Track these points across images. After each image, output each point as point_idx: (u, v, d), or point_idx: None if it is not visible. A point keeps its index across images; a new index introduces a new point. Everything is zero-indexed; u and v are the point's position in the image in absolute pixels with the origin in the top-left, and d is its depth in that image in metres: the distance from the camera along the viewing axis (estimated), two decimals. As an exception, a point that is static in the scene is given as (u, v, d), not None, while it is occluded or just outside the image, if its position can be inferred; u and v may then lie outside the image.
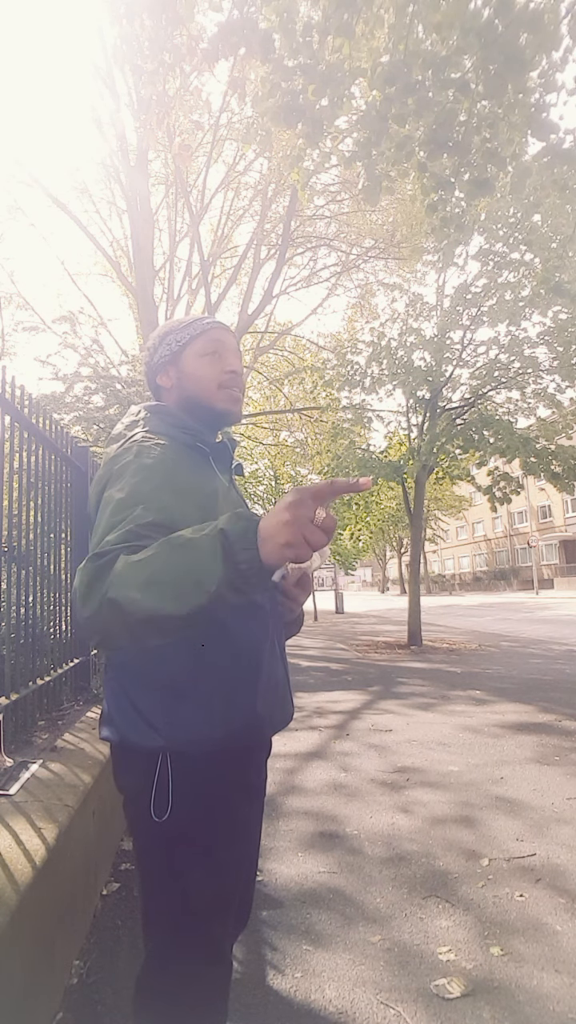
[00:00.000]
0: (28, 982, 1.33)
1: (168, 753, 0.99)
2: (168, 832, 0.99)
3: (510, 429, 9.14)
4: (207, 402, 1.16)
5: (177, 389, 1.18)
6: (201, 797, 1.00)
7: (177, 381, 1.18)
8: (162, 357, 1.19)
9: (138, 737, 0.99)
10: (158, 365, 1.20)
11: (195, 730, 0.98)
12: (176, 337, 1.18)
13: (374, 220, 13.15)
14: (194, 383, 1.16)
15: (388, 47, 3.49)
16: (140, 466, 0.99)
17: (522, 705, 5.19)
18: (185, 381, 1.17)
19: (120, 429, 1.15)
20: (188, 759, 0.99)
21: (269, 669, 1.07)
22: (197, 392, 1.16)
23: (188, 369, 1.17)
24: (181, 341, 1.18)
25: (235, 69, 4.63)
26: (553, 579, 36.38)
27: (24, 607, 2.46)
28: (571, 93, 3.59)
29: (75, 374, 7.33)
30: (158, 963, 1.04)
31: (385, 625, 15.75)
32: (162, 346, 1.19)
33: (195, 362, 1.16)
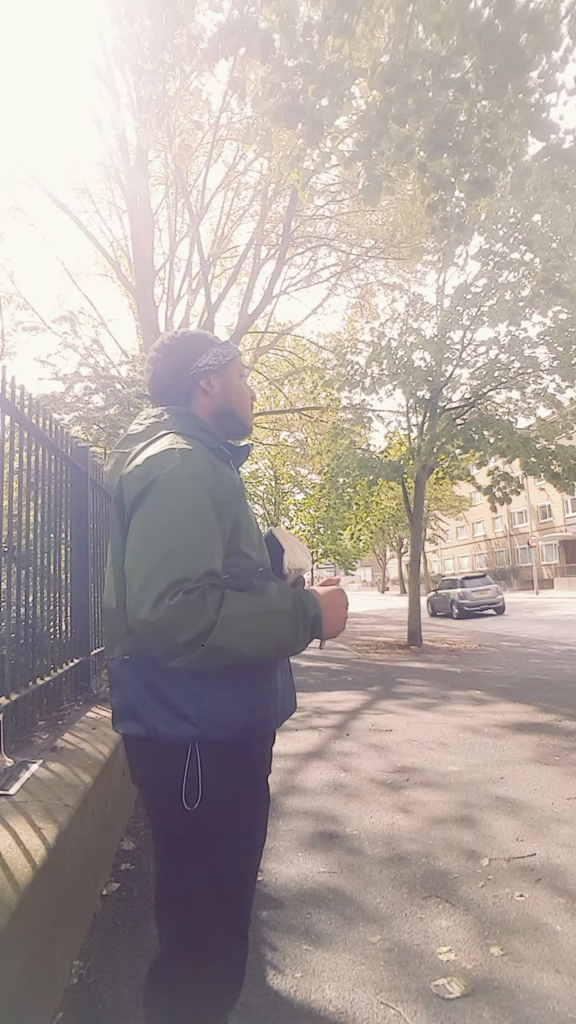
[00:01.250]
0: (28, 982, 1.33)
1: (197, 743, 1.04)
2: (198, 820, 1.05)
3: (510, 429, 9.15)
4: (243, 416, 1.31)
5: (219, 398, 1.27)
6: (230, 784, 1.07)
7: (221, 392, 1.28)
8: (208, 365, 1.27)
9: (167, 728, 1.04)
10: (203, 371, 1.26)
11: (227, 717, 1.05)
12: (221, 351, 1.28)
13: (374, 220, 13.15)
14: (238, 398, 1.30)
15: (388, 47, 3.49)
16: (190, 477, 1.05)
17: (522, 705, 5.19)
18: (230, 394, 1.28)
19: (141, 428, 1.20)
20: (216, 747, 1.05)
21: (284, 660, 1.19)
22: (238, 406, 1.29)
23: (233, 385, 1.29)
24: (227, 356, 1.28)
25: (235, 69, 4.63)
26: (553, 579, 36.36)
27: (24, 607, 2.46)
28: (571, 93, 3.59)
29: (75, 374, 7.33)
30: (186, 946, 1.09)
31: (385, 625, 15.75)
32: (208, 355, 1.27)
33: (237, 381, 1.30)
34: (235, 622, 0.97)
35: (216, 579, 1.00)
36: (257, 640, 1.01)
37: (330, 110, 3.72)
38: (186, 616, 0.93)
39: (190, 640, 0.93)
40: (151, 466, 1.05)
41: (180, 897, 1.10)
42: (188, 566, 0.96)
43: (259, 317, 14.16)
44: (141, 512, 1.03)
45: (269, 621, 1.03)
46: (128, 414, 6.76)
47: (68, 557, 3.16)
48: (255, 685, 1.09)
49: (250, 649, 1.00)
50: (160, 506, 1.01)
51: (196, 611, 0.93)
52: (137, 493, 1.04)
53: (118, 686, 1.11)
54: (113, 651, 1.12)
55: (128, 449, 1.17)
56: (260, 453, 19.08)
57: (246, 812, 1.12)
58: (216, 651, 0.96)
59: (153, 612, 0.93)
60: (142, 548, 1.00)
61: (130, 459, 1.13)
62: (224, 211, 13.28)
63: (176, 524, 1.00)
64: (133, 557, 1.01)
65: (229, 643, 0.96)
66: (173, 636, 0.93)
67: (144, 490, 1.04)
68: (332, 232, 14.18)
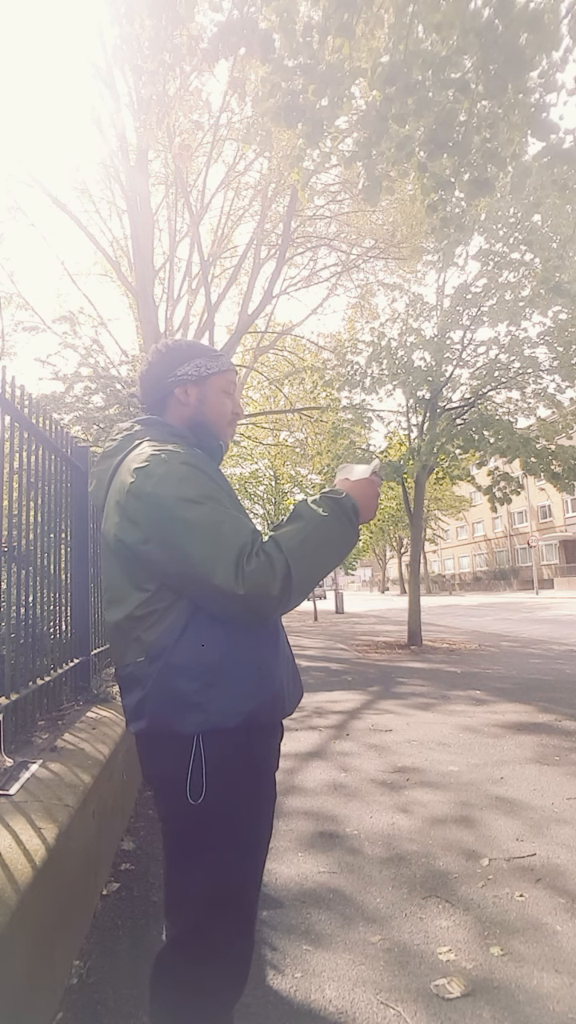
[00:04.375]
0: (28, 982, 1.33)
1: (202, 736, 1.07)
2: (204, 814, 1.08)
3: (510, 429, 9.13)
4: (217, 431, 1.30)
5: (193, 409, 1.28)
6: (236, 777, 1.10)
7: (196, 403, 1.29)
8: (187, 374, 1.28)
9: (177, 720, 1.08)
10: (180, 379, 1.28)
11: (233, 703, 1.08)
12: (206, 364, 1.29)
13: (374, 220, 13.15)
14: (214, 412, 1.30)
15: (388, 47, 3.49)
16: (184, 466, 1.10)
17: (522, 705, 5.19)
18: (205, 407, 1.29)
19: (114, 444, 1.24)
20: (223, 739, 1.08)
21: (283, 645, 1.22)
22: (213, 420, 1.30)
23: (211, 398, 1.29)
24: (210, 369, 1.29)
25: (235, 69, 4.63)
26: (553, 579, 36.37)
27: (24, 607, 2.46)
28: (571, 93, 3.59)
29: (75, 374, 7.32)
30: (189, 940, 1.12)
31: (385, 625, 15.75)
32: (190, 364, 1.28)
33: (217, 395, 1.30)
34: (300, 552, 1.05)
35: (259, 534, 1.07)
36: (323, 553, 1.09)
37: (330, 110, 3.71)
38: (266, 572, 1.01)
39: (281, 588, 1.02)
40: (144, 475, 1.09)
41: (185, 891, 1.12)
42: (239, 536, 1.04)
43: (259, 317, 14.16)
44: (162, 519, 1.06)
45: (321, 534, 1.09)
46: (128, 414, 6.75)
47: (68, 557, 3.16)
48: (259, 672, 1.12)
49: (323, 564, 1.09)
50: (177, 505, 1.05)
51: (270, 564, 1.01)
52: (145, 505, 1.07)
53: (133, 689, 1.13)
54: (126, 658, 1.14)
55: (106, 466, 1.22)
56: (260, 453, 19.08)
57: (251, 806, 1.14)
58: (302, 583, 1.04)
59: (241, 586, 1.00)
60: (191, 543, 1.03)
61: (110, 475, 1.19)
62: (224, 211, 13.28)
63: (204, 508, 1.05)
64: (186, 558, 1.04)
65: (307, 571, 1.05)
66: (268, 593, 1.01)
67: (151, 498, 1.07)
68: (332, 232, 14.18)
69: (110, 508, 1.16)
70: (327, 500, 1.14)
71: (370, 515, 1.20)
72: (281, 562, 1.02)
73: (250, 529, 1.06)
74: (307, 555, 1.06)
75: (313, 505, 1.13)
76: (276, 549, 1.03)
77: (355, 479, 1.25)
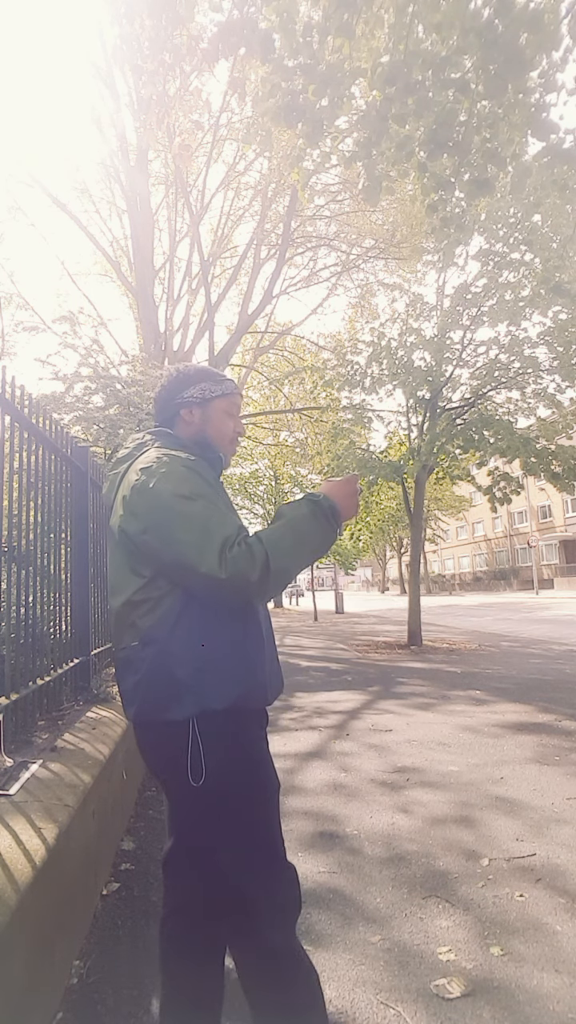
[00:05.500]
0: (28, 982, 1.33)
1: (196, 720, 1.16)
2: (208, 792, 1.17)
3: (510, 429, 9.13)
4: (217, 447, 1.41)
5: (197, 428, 1.40)
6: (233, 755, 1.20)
7: (200, 423, 1.40)
8: (193, 396, 1.40)
9: (173, 705, 1.17)
10: (187, 400, 1.40)
11: (224, 687, 1.18)
12: (211, 388, 1.41)
13: (374, 220, 13.15)
14: (216, 433, 1.41)
15: (388, 47, 3.49)
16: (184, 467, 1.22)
17: (522, 705, 5.19)
18: (208, 427, 1.41)
19: (127, 451, 1.35)
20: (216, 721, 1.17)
21: (267, 637, 1.32)
22: (215, 440, 1.41)
23: (214, 419, 1.41)
24: (214, 393, 1.41)
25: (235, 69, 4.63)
26: (553, 579, 36.35)
27: (24, 607, 2.46)
28: (571, 93, 3.59)
29: (75, 374, 7.31)
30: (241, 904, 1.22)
31: (385, 625, 15.75)
32: (196, 388, 1.40)
33: (220, 417, 1.42)
34: (279, 545, 1.16)
35: (245, 530, 1.18)
36: (301, 548, 1.20)
37: (330, 110, 3.71)
38: (247, 560, 1.11)
39: (260, 576, 1.12)
40: (148, 474, 1.21)
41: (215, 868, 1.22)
42: (224, 528, 1.15)
43: (259, 317, 14.17)
44: (159, 510, 1.17)
45: (300, 529, 1.20)
46: (128, 414, 6.74)
47: (68, 557, 3.16)
48: (247, 660, 1.23)
49: (300, 558, 1.20)
50: (173, 499, 1.17)
51: (251, 553, 1.12)
52: (145, 499, 1.19)
53: (127, 673, 1.23)
54: (123, 641, 1.24)
55: (119, 470, 1.34)
56: (260, 453, 19.08)
57: (252, 784, 1.23)
58: (280, 573, 1.15)
59: (223, 570, 1.10)
60: (182, 533, 1.14)
61: (121, 476, 1.31)
62: (224, 211, 13.29)
63: (196, 504, 1.16)
64: (177, 545, 1.14)
65: (285, 562, 1.16)
66: (247, 579, 1.11)
67: (151, 493, 1.19)
68: (332, 232, 14.19)
69: (117, 503, 1.27)
70: (306, 501, 1.26)
71: (351, 512, 1.30)
72: (261, 552, 1.12)
73: (236, 524, 1.18)
74: (285, 548, 1.16)
75: (294, 506, 1.25)
76: (257, 542, 1.14)
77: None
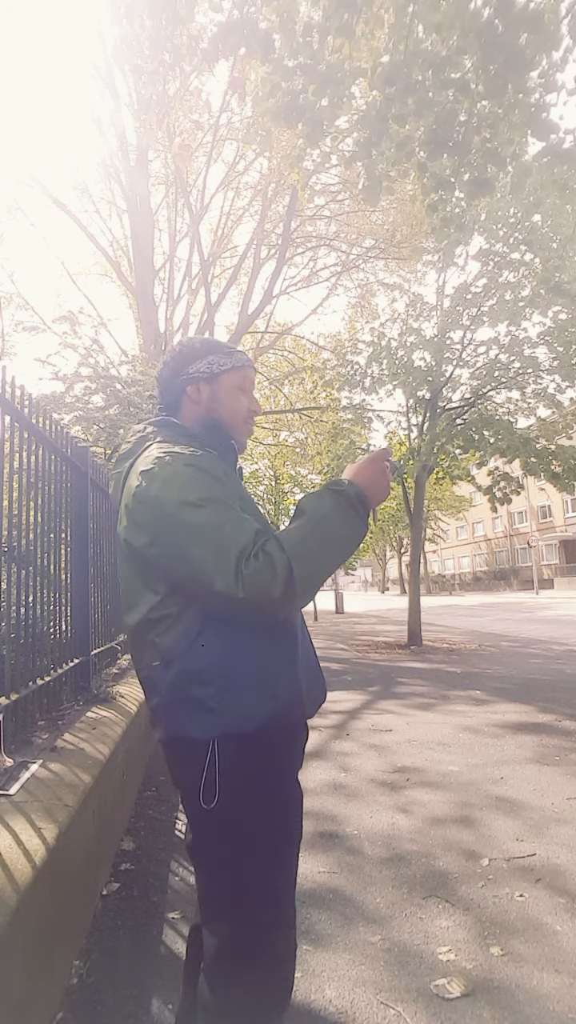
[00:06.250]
0: (28, 982, 1.33)
1: (217, 741, 1.05)
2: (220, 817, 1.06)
3: (510, 429, 9.13)
4: (231, 430, 1.27)
5: (205, 407, 1.26)
6: (251, 782, 1.07)
7: (208, 401, 1.26)
8: (200, 372, 1.25)
9: (194, 726, 1.06)
10: (192, 377, 1.26)
11: (248, 708, 1.06)
12: (218, 360, 1.26)
13: (374, 220, 13.15)
14: (226, 411, 1.26)
15: (388, 47, 3.49)
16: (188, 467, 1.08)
17: (522, 705, 5.19)
18: (217, 405, 1.26)
19: (129, 446, 1.23)
20: (240, 743, 1.06)
21: (304, 647, 1.19)
22: (226, 419, 1.26)
23: (223, 396, 1.26)
24: (223, 366, 1.26)
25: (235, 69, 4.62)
26: (553, 579, 36.36)
27: (24, 607, 2.46)
28: (571, 93, 3.59)
29: (75, 374, 7.31)
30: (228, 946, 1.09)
31: (385, 625, 15.74)
32: (202, 362, 1.26)
33: (230, 393, 1.27)
34: (302, 550, 1.02)
35: (265, 533, 1.04)
36: (329, 549, 1.06)
37: (330, 110, 3.71)
38: (266, 574, 0.98)
39: (283, 590, 0.99)
40: (149, 478, 1.08)
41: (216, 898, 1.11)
42: (239, 537, 1.01)
43: (259, 317, 14.16)
44: (164, 523, 1.05)
45: (325, 527, 1.06)
46: (128, 414, 6.74)
47: (68, 557, 3.16)
48: (275, 676, 1.10)
49: (328, 561, 1.06)
50: (178, 508, 1.04)
51: (270, 565, 0.98)
52: (148, 509, 1.07)
53: (151, 694, 1.15)
54: (143, 661, 1.14)
55: (121, 469, 1.22)
56: (260, 453, 19.06)
57: (270, 810, 1.11)
58: (307, 582, 1.01)
59: (241, 589, 0.97)
60: (192, 547, 1.02)
61: (124, 477, 1.19)
62: (224, 211, 13.29)
63: (205, 511, 1.03)
64: (189, 561, 1.02)
65: (310, 570, 1.02)
66: (269, 595, 0.98)
67: (154, 503, 1.06)
68: (332, 232, 14.18)
69: (121, 511, 1.16)
70: (329, 492, 1.11)
71: (382, 494, 1.16)
72: (283, 562, 0.99)
73: (253, 530, 1.03)
74: (310, 552, 1.03)
75: (315, 499, 1.10)
76: (278, 549, 1.00)
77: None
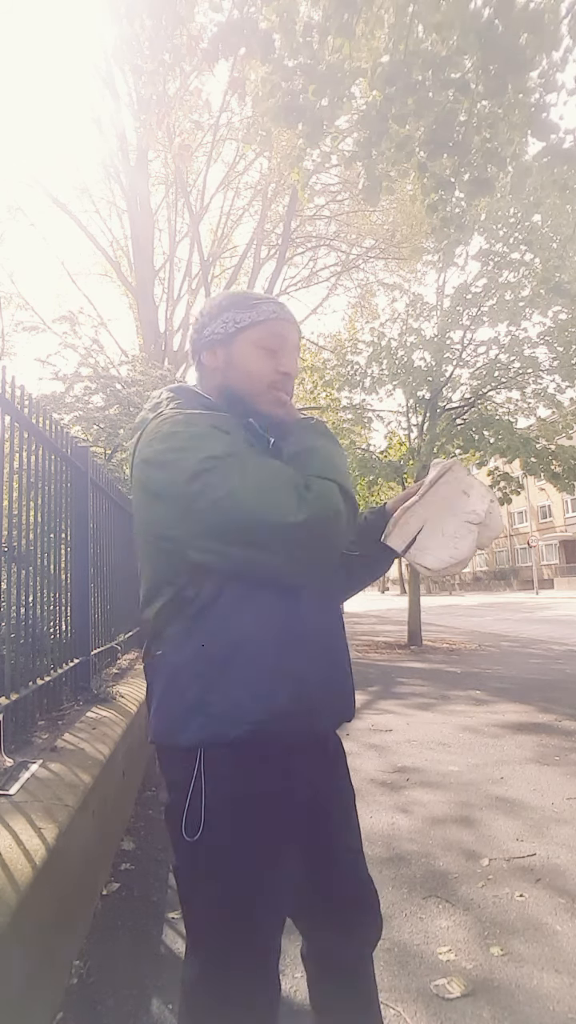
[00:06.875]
0: (28, 982, 1.33)
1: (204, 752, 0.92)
2: (202, 848, 0.92)
3: (510, 429, 9.14)
4: (250, 400, 1.05)
5: (221, 374, 1.07)
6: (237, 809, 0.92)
7: (224, 366, 1.06)
8: (213, 333, 1.06)
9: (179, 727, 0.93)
10: (207, 341, 1.08)
11: (235, 710, 0.90)
12: (235, 317, 1.05)
13: (374, 220, 13.16)
14: (242, 376, 1.05)
15: (388, 47, 3.49)
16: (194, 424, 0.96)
17: (522, 705, 5.19)
18: (232, 371, 1.06)
19: (143, 415, 1.07)
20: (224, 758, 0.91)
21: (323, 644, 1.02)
22: (242, 387, 1.05)
23: (238, 359, 1.05)
24: (239, 323, 1.05)
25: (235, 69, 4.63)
26: (553, 579, 36.37)
27: (24, 607, 2.46)
28: (571, 93, 3.59)
29: (75, 374, 7.31)
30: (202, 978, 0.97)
31: (385, 625, 15.74)
32: (216, 322, 1.07)
33: (249, 352, 1.05)
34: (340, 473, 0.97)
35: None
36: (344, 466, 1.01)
37: (330, 110, 3.71)
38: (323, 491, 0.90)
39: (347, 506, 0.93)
40: (161, 440, 0.95)
41: (192, 927, 0.99)
42: (284, 471, 0.92)
43: (259, 317, 14.14)
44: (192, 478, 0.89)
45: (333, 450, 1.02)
46: (128, 414, 6.74)
47: (68, 557, 3.16)
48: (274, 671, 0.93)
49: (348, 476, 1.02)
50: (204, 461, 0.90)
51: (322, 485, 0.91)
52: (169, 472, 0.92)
53: (149, 690, 1.02)
54: (149, 652, 1.01)
55: (134, 439, 1.08)
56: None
57: (259, 844, 0.93)
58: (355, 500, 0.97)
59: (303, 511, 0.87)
60: (228, 486, 0.88)
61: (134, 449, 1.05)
62: (224, 211, 13.31)
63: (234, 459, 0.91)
64: (227, 500, 0.87)
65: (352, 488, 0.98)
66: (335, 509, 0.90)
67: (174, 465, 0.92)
68: (332, 232, 14.20)
69: (133, 487, 1.02)
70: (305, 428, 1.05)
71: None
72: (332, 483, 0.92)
73: (291, 469, 0.94)
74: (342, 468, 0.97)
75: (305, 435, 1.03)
76: (317, 478, 0.93)
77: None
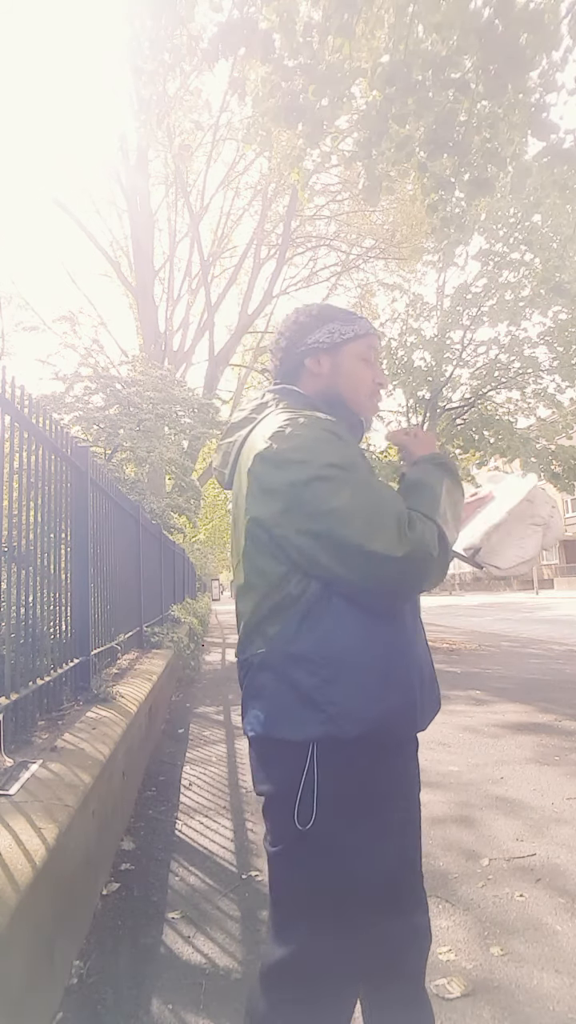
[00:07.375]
0: (28, 982, 1.33)
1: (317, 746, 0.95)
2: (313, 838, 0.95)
3: (510, 429, 9.15)
4: (354, 406, 1.16)
5: (326, 380, 1.15)
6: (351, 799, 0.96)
7: (329, 373, 1.15)
8: (319, 342, 1.15)
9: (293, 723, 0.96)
10: (311, 348, 1.16)
11: (356, 707, 0.95)
12: (340, 328, 1.16)
13: (374, 220, 13.17)
14: (349, 384, 1.15)
15: (388, 47, 3.50)
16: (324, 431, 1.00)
17: (522, 705, 5.19)
18: (339, 378, 1.15)
19: (243, 415, 1.15)
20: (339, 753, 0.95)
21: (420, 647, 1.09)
22: (349, 393, 1.15)
23: (345, 367, 1.16)
24: (345, 335, 1.15)
25: (235, 69, 4.62)
26: (553, 579, 36.37)
27: (24, 607, 2.46)
28: (571, 93, 3.60)
29: (75, 374, 7.32)
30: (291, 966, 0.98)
31: (385, 625, 15.71)
32: (321, 331, 1.16)
33: (353, 363, 1.16)
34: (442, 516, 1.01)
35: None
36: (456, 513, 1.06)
37: (330, 110, 3.72)
38: (428, 534, 0.95)
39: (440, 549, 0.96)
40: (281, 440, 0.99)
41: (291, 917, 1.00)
42: (397, 501, 0.98)
43: (259, 317, 14.19)
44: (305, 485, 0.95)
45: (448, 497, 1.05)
46: (128, 414, 6.75)
47: (68, 557, 3.16)
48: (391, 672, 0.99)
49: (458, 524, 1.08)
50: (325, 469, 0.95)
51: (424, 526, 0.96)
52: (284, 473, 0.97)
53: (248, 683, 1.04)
54: (248, 650, 1.04)
55: (233, 438, 1.14)
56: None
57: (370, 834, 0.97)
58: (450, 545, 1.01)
59: (401, 547, 0.92)
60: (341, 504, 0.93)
61: (238, 447, 1.11)
62: (224, 211, 13.32)
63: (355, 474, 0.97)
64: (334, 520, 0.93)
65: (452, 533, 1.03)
66: (429, 553, 0.94)
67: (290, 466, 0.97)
68: (332, 232, 14.21)
69: (240, 484, 1.05)
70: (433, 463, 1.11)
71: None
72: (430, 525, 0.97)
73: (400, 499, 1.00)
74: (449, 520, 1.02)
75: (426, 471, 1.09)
76: (421, 516, 0.97)
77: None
